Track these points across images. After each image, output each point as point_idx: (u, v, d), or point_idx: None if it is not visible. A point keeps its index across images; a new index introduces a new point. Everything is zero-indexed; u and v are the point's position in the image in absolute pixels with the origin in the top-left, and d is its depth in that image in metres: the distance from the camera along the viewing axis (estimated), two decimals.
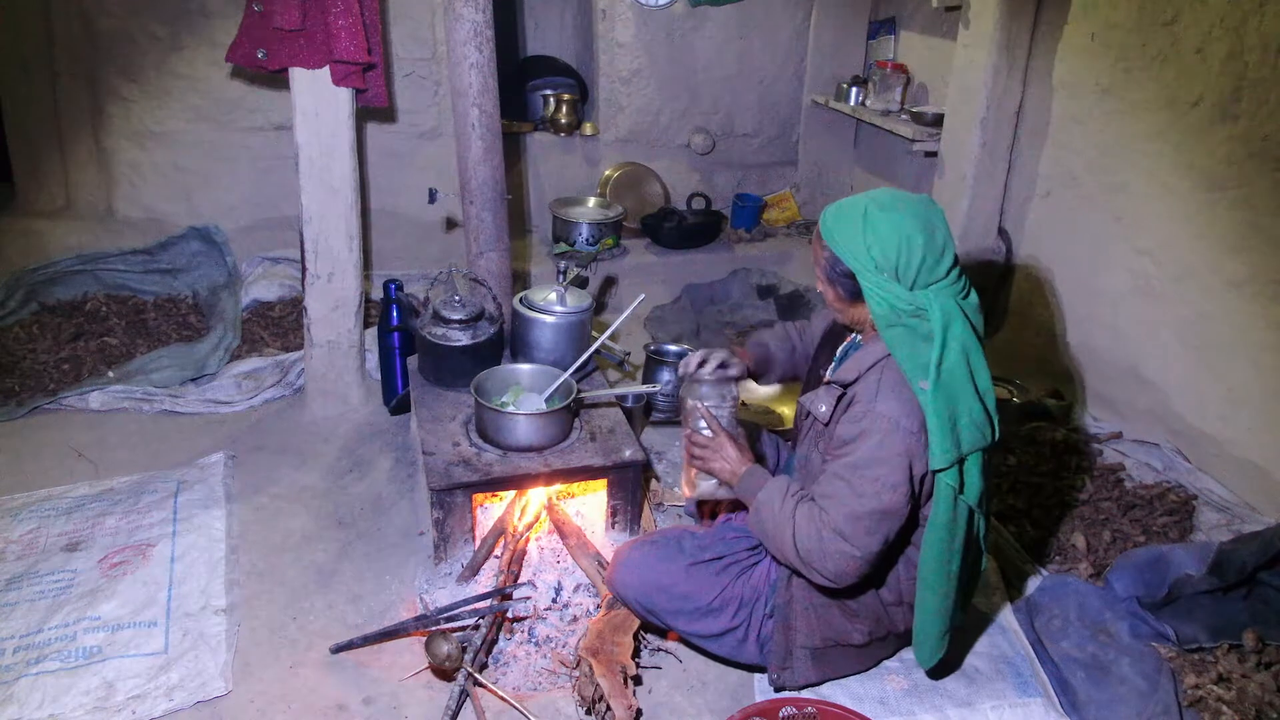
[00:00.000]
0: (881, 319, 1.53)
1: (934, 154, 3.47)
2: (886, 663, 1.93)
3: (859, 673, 1.88)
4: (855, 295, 1.60)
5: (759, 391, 2.93)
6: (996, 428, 1.56)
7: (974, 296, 1.58)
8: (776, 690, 1.84)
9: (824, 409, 1.65)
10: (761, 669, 1.90)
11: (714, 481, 1.83)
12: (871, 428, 1.53)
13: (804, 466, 1.77)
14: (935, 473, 1.52)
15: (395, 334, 2.87)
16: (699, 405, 1.83)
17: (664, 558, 1.86)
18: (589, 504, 2.39)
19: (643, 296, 2.53)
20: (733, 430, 1.83)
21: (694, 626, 1.84)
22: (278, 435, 2.87)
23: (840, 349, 1.84)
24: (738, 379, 1.91)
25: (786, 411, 3.03)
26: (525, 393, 2.37)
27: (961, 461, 1.52)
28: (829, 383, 1.67)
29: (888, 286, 1.51)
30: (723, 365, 1.88)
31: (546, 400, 2.33)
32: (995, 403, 1.58)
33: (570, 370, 2.37)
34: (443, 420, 2.38)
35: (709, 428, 1.81)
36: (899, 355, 1.52)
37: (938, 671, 1.88)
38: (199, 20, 3.44)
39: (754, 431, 2.15)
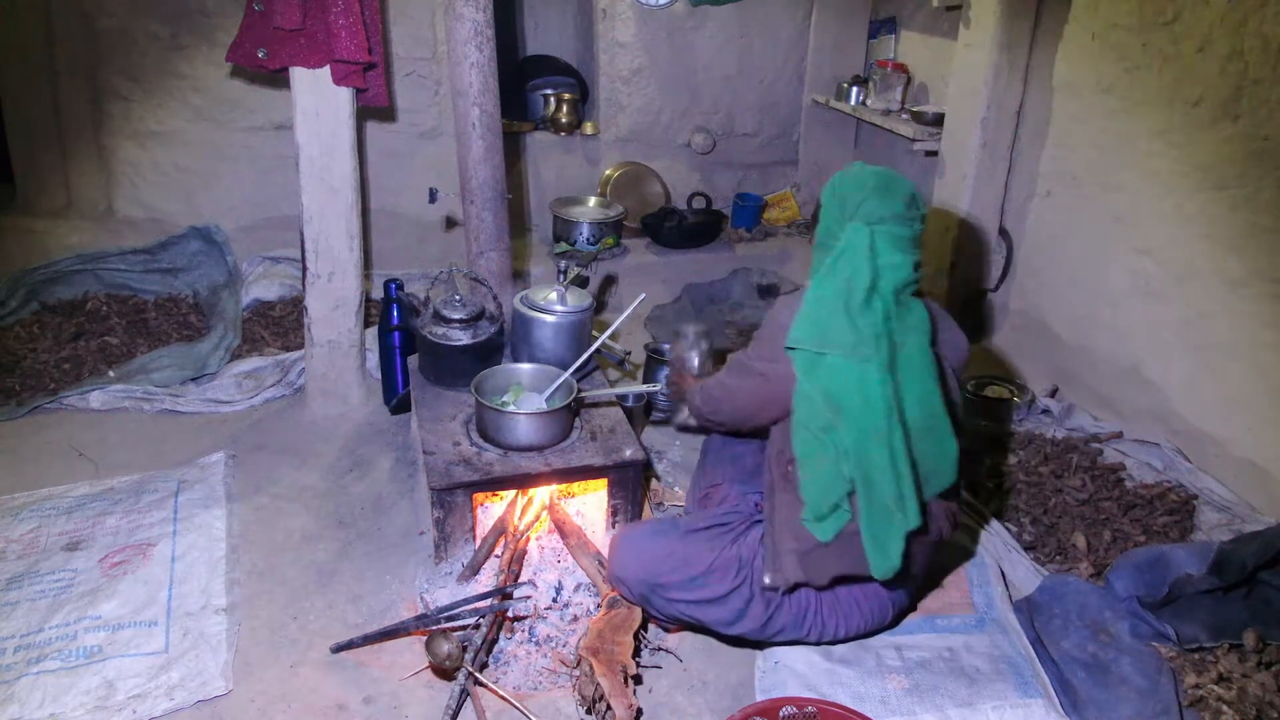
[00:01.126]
0: (818, 236, 1.79)
1: (934, 153, 3.47)
2: (888, 661, 1.92)
3: (849, 576, 1.81)
4: None
5: None
6: (873, 349, 1.63)
7: (906, 271, 1.69)
8: (770, 589, 1.84)
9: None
10: (764, 646, 1.94)
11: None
12: (769, 317, 1.83)
13: None
14: (789, 350, 1.70)
15: (395, 333, 2.87)
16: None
17: (659, 533, 1.96)
18: (589, 503, 2.39)
19: (643, 296, 2.53)
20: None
21: (697, 594, 1.85)
22: (278, 435, 2.87)
23: None
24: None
25: None
26: (525, 392, 2.37)
27: (822, 356, 1.67)
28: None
29: (833, 211, 1.74)
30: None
31: (547, 400, 2.33)
32: (871, 327, 1.64)
33: (571, 370, 2.37)
34: (443, 420, 2.38)
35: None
36: (813, 265, 1.78)
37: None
38: (199, 20, 3.45)
39: None
